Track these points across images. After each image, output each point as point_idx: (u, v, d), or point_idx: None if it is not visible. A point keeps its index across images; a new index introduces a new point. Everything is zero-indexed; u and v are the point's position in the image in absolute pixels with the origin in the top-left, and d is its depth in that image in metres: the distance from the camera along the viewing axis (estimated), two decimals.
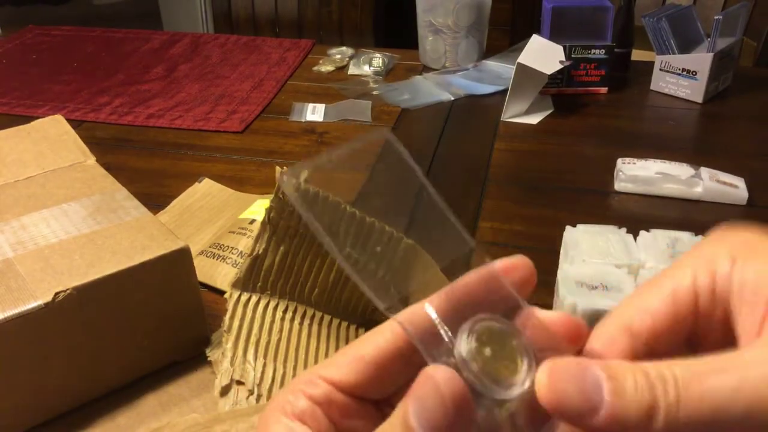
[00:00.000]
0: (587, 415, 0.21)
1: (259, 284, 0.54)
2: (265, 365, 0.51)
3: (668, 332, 0.25)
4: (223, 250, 0.65)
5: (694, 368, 0.21)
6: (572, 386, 0.22)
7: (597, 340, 0.25)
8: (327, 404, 0.25)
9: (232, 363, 0.50)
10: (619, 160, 0.82)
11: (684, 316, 0.25)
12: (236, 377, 0.50)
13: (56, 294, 0.46)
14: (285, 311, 0.54)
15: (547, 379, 0.22)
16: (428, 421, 0.21)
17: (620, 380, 0.21)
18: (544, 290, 0.65)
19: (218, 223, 0.72)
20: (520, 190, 0.82)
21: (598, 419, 0.21)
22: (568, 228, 0.59)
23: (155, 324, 0.52)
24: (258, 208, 0.70)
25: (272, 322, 0.53)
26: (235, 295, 0.53)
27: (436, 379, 0.21)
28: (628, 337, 0.25)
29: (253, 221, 0.68)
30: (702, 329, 0.26)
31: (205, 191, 0.79)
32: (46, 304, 0.45)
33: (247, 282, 0.54)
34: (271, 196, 0.52)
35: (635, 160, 0.81)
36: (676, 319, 0.25)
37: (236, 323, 0.52)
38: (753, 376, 0.20)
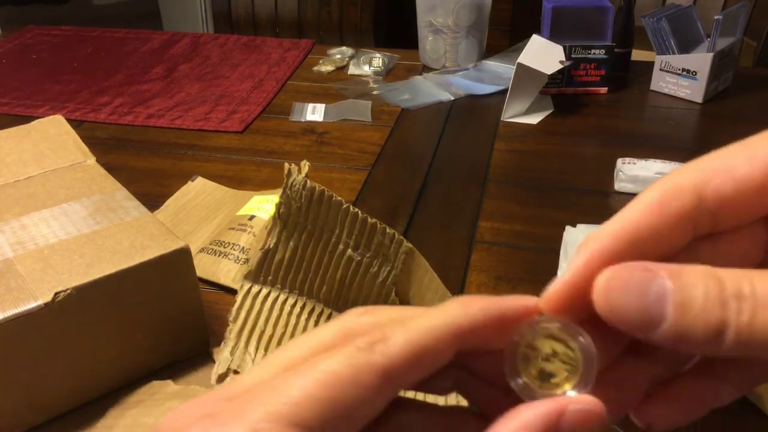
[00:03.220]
0: (646, 329, 0.20)
1: (270, 278, 0.54)
2: (264, 357, 0.51)
3: (748, 204, 0.21)
4: (225, 247, 0.65)
5: None
6: (632, 297, 0.20)
7: (657, 190, 0.21)
8: None
9: (232, 352, 0.50)
10: (619, 160, 0.82)
11: None
12: (234, 367, 0.50)
13: (56, 294, 0.46)
14: (293, 306, 0.54)
15: (605, 286, 0.20)
16: None
17: (689, 292, 0.19)
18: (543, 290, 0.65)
19: (215, 221, 0.72)
20: (520, 190, 0.82)
21: (658, 334, 0.19)
22: (568, 228, 0.59)
23: (155, 324, 0.52)
24: (256, 204, 0.70)
25: (279, 316, 0.53)
26: (246, 286, 0.53)
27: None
28: (694, 198, 0.21)
29: (252, 217, 0.68)
30: None
31: (199, 190, 0.79)
32: (46, 304, 0.45)
33: (258, 275, 0.54)
34: (269, 192, 0.52)
35: (635, 160, 0.81)
36: (763, 191, 0.21)
37: (243, 314, 0.52)
38: None
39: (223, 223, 0.71)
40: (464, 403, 0.26)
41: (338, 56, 1.20)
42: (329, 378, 0.20)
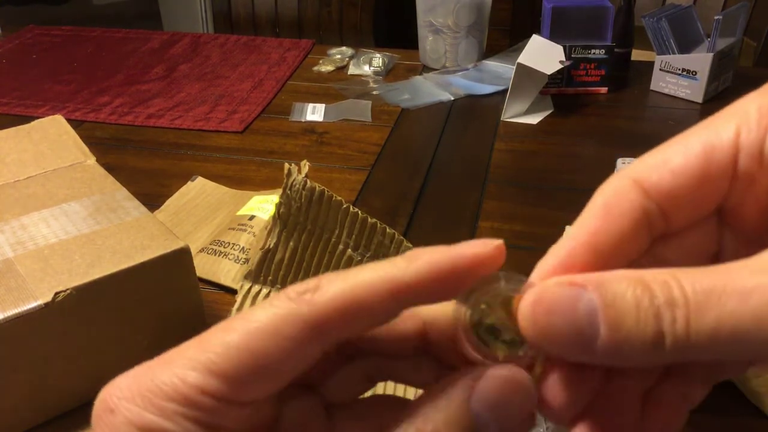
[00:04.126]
0: (580, 351, 0.19)
1: (270, 278, 0.54)
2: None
3: (692, 196, 0.21)
4: (225, 247, 0.65)
5: (709, 284, 0.17)
6: (560, 318, 0.19)
7: (600, 195, 0.22)
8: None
9: None
10: (619, 160, 0.82)
11: (716, 178, 0.20)
12: None
13: (56, 294, 0.46)
14: None
15: (531, 311, 0.19)
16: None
17: (619, 308, 0.18)
18: None
19: (215, 221, 0.72)
20: (520, 190, 0.82)
21: (593, 354, 0.18)
22: (568, 228, 0.59)
23: (155, 324, 0.52)
24: (256, 204, 0.70)
25: None
26: (246, 286, 0.53)
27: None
28: (640, 195, 0.21)
29: (252, 217, 0.68)
30: (736, 201, 0.21)
31: (199, 189, 0.79)
32: (46, 304, 0.45)
33: (258, 275, 0.54)
34: (269, 192, 0.52)
35: (635, 160, 0.81)
36: (704, 181, 0.20)
37: None
38: None
39: (223, 223, 0.71)
40: None
41: (338, 56, 1.20)
42: (251, 328, 0.20)
